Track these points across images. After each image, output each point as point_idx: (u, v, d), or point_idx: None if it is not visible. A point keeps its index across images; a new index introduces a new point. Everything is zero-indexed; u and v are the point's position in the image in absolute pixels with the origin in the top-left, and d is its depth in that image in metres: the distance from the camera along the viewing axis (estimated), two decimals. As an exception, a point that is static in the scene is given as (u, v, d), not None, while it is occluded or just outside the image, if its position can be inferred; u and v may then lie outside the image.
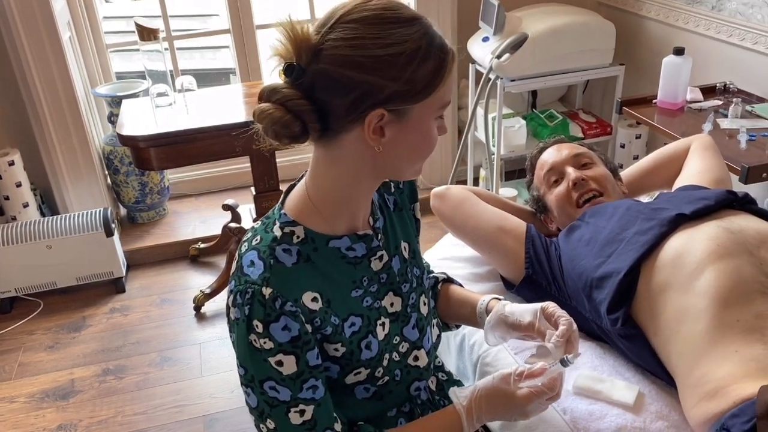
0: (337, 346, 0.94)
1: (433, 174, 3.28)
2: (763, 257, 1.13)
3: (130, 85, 2.95)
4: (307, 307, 0.90)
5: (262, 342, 0.87)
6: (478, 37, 2.80)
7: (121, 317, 2.64)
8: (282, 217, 0.94)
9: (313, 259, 0.93)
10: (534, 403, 0.96)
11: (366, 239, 0.98)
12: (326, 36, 0.83)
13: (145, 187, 3.03)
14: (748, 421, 0.94)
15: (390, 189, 1.10)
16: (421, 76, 0.83)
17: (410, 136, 0.88)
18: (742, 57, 2.37)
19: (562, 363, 0.97)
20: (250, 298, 0.86)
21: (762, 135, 2.04)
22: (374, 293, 1.00)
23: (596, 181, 1.50)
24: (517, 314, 1.06)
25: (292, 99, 0.84)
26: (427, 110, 0.87)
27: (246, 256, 0.91)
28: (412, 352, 1.05)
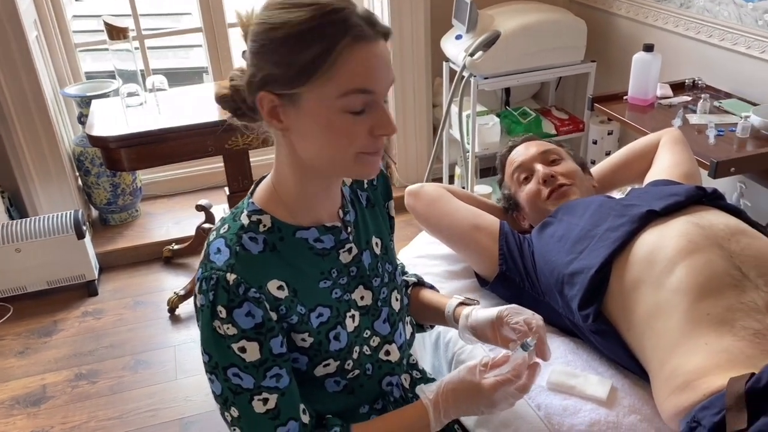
0: (305, 336, 0.94)
1: (408, 172, 3.28)
2: (733, 250, 1.15)
3: (100, 85, 2.90)
4: (272, 295, 0.90)
5: (226, 328, 0.87)
6: (452, 35, 2.81)
7: (94, 321, 2.60)
8: (250, 206, 0.95)
9: (279, 249, 0.94)
10: (500, 392, 0.95)
11: (334, 231, 0.99)
12: (250, 22, 0.89)
13: (117, 189, 2.98)
14: (717, 413, 0.95)
15: (363, 185, 1.10)
16: (302, 60, 0.81)
17: (310, 126, 0.86)
18: (710, 53, 2.41)
19: (522, 347, 0.98)
20: (215, 284, 0.87)
21: (730, 130, 2.07)
22: (344, 285, 1.00)
23: (565, 177, 1.51)
24: (479, 329, 1.10)
25: (233, 78, 0.92)
26: (320, 98, 0.83)
27: (213, 243, 0.92)
28: (383, 346, 1.06)
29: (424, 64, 3.06)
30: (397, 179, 3.31)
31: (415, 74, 3.07)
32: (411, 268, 1.64)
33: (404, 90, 3.10)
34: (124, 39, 2.48)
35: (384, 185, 1.14)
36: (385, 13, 2.94)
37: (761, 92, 2.23)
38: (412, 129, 3.21)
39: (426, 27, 2.98)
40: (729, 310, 1.06)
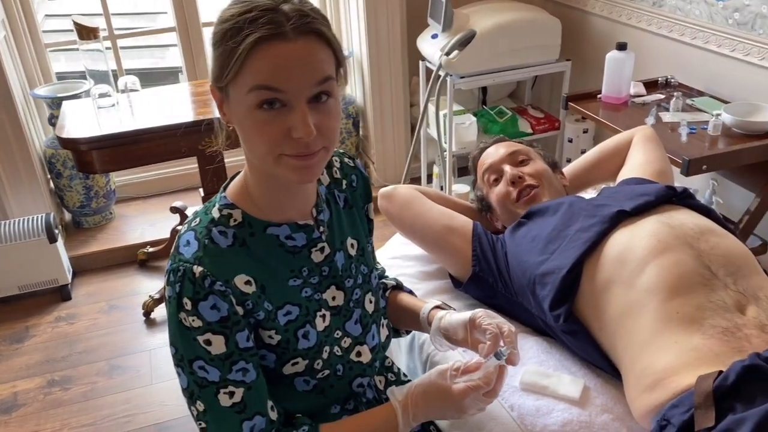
0: (272, 333, 0.95)
1: (387, 170, 3.28)
2: (702, 250, 1.15)
3: (72, 85, 2.85)
4: (239, 289, 0.91)
5: (191, 320, 0.88)
6: (427, 34, 2.80)
7: (67, 326, 2.56)
8: (222, 200, 0.96)
9: (249, 244, 0.94)
10: (470, 398, 0.95)
11: (306, 229, 0.99)
12: None
13: (90, 191, 2.94)
14: (686, 411, 0.96)
15: (341, 186, 1.09)
16: (222, 56, 0.85)
17: (235, 119, 0.89)
18: (682, 52, 2.43)
19: (496, 356, 0.98)
20: (182, 276, 0.88)
21: (702, 128, 2.09)
22: (315, 285, 1.00)
23: (533, 177, 1.51)
24: (451, 330, 1.09)
25: None
26: (237, 94, 0.85)
27: (183, 236, 0.93)
28: (354, 347, 1.05)
29: (401, 64, 3.05)
30: (375, 179, 3.30)
31: (391, 73, 3.06)
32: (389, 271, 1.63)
33: (381, 89, 3.09)
34: (94, 39, 2.44)
35: (363, 187, 1.13)
36: (361, 12, 2.92)
37: (732, 90, 2.26)
38: (390, 128, 3.20)
39: (402, 26, 2.97)
40: (698, 309, 1.07)
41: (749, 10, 2.13)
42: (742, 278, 1.12)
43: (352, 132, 3.29)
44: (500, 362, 0.97)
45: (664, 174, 1.53)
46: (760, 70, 2.14)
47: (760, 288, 1.11)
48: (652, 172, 1.50)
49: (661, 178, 1.49)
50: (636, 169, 1.53)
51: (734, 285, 1.11)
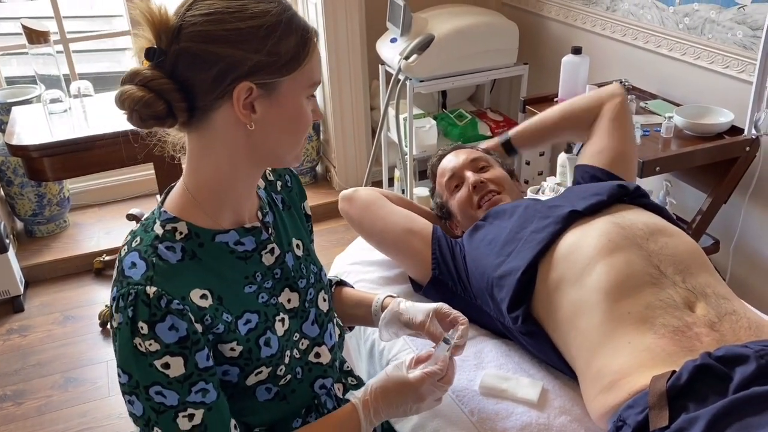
0: (233, 345, 0.92)
1: (348, 174, 3.27)
2: (651, 249, 1.17)
3: (21, 90, 2.78)
4: (195, 305, 0.87)
5: (148, 344, 0.84)
6: (387, 38, 2.81)
7: (20, 338, 2.48)
8: (162, 215, 0.92)
9: (200, 256, 0.91)
10: (426, 385, 0.98)
11: (255, 232, 0.97)
12: (185, 15, 0.84)
13: (43, 199, 2.86)
14: (641, 412, 0.97)
15: (277, 188, 1.09)
16: (285, 50, 0.85)
17: (282, 114, 0.88)
18: (635, 55, 2.48)
19: (444, 341, 1.02)
20: (134, 300, 0.84)
21: (655, 130, 2.13)
22: (269, 289, 0.99)
23: (494, 183, 1.53)
24: (411, 312, 1.11)
25: (154, 79, 0.84)
26: (296, 86, 0.88)
27: (126, 258, 0.88)
28: (313, 348, 1.05)
29: (361, 67, 3.05)
30: (337, 182, 3.29)
31: (351, 77, 3.05)
32: (345, 275, 1.63)
33: (341, 93, 3.08)
34: (44, 43, 2.38)
35: (297, 185, 1.15)
36: (320, 15, 2.91)
37: (683, 93, 2.31)
38: (351, 132, 3.19)
39: (361, 30, 2.97)
40: (648, 308, 1.09)
41: (698, 15, 2.18)
42: (691, 276, 1.14)
43: (313, 136, 3.27)
44: (450, 345, 1.03)
45: (625, 157, 1.50)
46: (709, 74, 2.20)
47: (708, 285, 1.14)
48: (613, 158, 1.48)
49: (623, 162, 1.48)
50: (595, 156, 1.50)
51: (683, 283, 1.13)
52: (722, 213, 2.14)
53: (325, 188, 3.37)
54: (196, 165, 0.92)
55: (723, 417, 0.90)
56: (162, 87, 0.84)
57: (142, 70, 0.85)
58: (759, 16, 1.97)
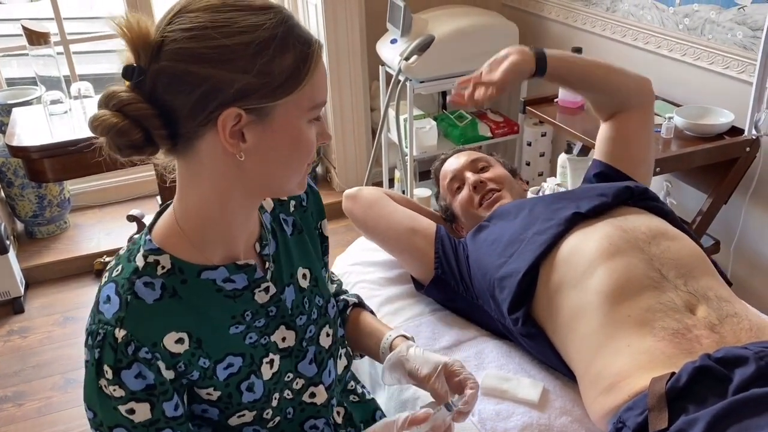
0: (209, 391, 0.85)
1: (348, 176, 3.26)
2: (653, 253, 1.17)
3: (22, 92, 2.78)
4: (168, 351, 0.80)
5: (112, 389, 0.78)
6: (387, 39, 2.81)
7: (20, 340, 2.48)
8: (147, 243, 0.83)
9: (181, 294, 0.82)
10: None
11: (248, 270, 0.88)
12: (165, 31, 0.74)
13: (44, 200, 2.86)
14: (640, 414, 0.97)
15: (289, 209, 0.99)
16: (280, 69, 0.74)
17: (278, 142, 0.78)
18: (635, 56, 2.48)
19: (446, 407, 0.92)
20: (101, 341, 0.77)
21: (655, 131, 2.12)
22: (261, 328, 0.90)
23: (494, 182, 1.54)
24: (418, 362, 0.97)
25: (130, 103, 0.74)
26: (294, 110, 0.77)
27: (104, 289, 0.81)
28: (308, 388, 0.97)
29: (361, 68, 3.05)
30: (337, 183, 3.29)
31: (351, 78, 3.05)
32: (346, 275, 1.63)
33: (341, 94, 3.08)
34: (45, 44, 2.38)
35: (315, 204, 1.04)
36: (320, 17, 2.91)
37: (684, 94, 2.31)
38: (351, 133, 3.19)
39: (361, 31, 2.97)
40: (648, 311, 1.09)
41: (698, 16, 2.18)
42: (693, 279, 1.14)
43: (313, 137, 3.27)
44: (452, 413, 0.91)
45: (650, 162, 1.52)
46: (709, 74, 2.20)
47: (710, 288, 1.14)
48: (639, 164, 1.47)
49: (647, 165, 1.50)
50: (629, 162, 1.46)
51: (684, 286, 1.13)
52: (722, 213, 2.14)
53: (326, 189, 3.37)
54: (183, 193, 0.83)
55: (722, 418, 0.90)
56: (139, 112, 0.74)
57: (118, 92, 0.75)
58: (759, 17, 1.97)
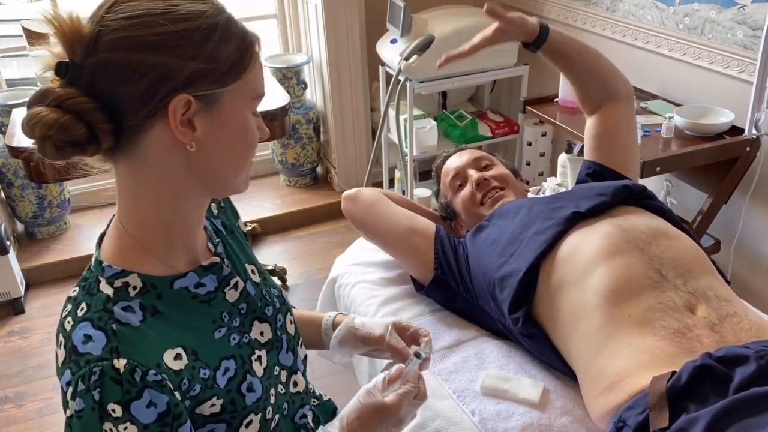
0: (213, 401, 0.80)
1: (348, 175, 3.27)
2: (653, 253, 1.17)
3: (22, 93, 2.78)
4: (172, 370, 0.75)
5: (122, 428, 0.70)
6: (387, 39, 2.81)
7: (20, 340, 2.48)
8: (106, 270, 0.77)
9: (162, 310, 0.78)
10: (404, 407, 0.90)
11: (215, 269, 0.86)
12: (103, 21, 0.71)
13: (44, 201, 2.86)
14: (641, 413, 0.97)
15: (213, 212, 0.98)
16: (225, 56, 0.74)
17: (225, 131, 0.77)
18: (635, 56, 2.48)
19: (416, 356, 0.96)
20: (98, 380, 0.69)
21: (655, 130, 2.13)
22: (239, 328, 0.88)
23: (497, 180, 1.54)
24: (368, 326, 1.03)
25: (70, 97, 0.70)
26: (239, 99, 0.77)
27: (76, 333, 0.73)
28: (290, 378, 0.96)
29: (361, 68, 3.05)
30: (337, 183, 3.29)
31: (351, 78, 3.05)
32: (346, 276, 1.63)
33: (341, 94, 3.08)
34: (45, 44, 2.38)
35: (229, 203, 1.03)
36: (320, 17, 2.91)
37: (684, 93, 2.31)
38: (351, 133, 3.19)
39: (361, 31, 2.97)
40: (649, 311, 1.09)
41: (698, 15, 2.18)
42: (693, 279, 1.14)
43: (313, 137, 3.27)
44: (422, 359, 0.96)
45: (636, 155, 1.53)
46: (709, 74, 2.19)
47: (710, 288, 1.14)
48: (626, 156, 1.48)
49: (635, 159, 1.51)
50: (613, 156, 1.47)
51: (684, 286, 1.12)
52: (723, 213, 2.14)
53: (326, 189, 3.37)
54: (131, 201, 0.79)
55: (723, 417, 0.90)
56: (80, 107, 0.70)
57: (53, 89, 0.71)
58: (759, 16, 1.97)
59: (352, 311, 1.55)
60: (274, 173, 3.47)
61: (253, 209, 3.14)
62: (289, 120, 2.44)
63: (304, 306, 2.53)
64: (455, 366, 1.29)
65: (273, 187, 3.40)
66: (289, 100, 2.42)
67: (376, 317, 1.07)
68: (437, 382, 1.26)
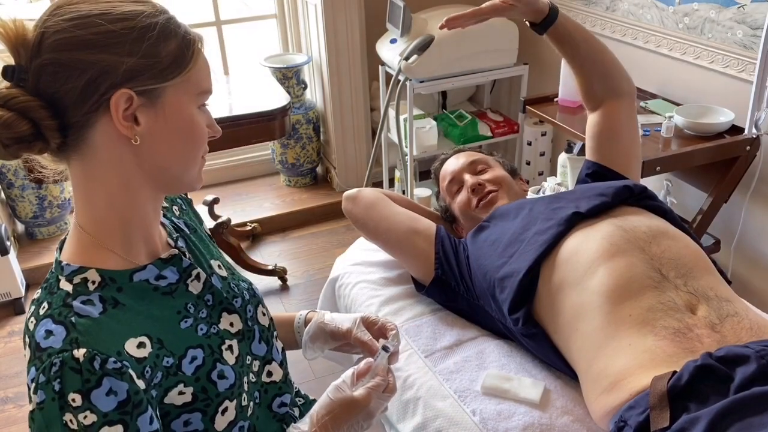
0: (181, 389, 0.82)
1: (348, 175, 3.27)
2: (653, 253, 1.17)
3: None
4: (134, 357, 0.76)
5: (82, 417, 0.71)
6: (386, 39, 2.81)
7: (21, 341, 2.48)
8: (65, 269, 0.80)
9: (122, 301, 0.80)
10: (374, 400, 0.91)
11: (174, 261, 0.88)
12: (45, 25, 0.75)
13: (44, 201, 2.86)
14: (642, 412, 0.97)
15: (175, 213, 1.00)
16: (165, 52, 0.78)
17: (170, 125, 0.80)
18: (635, 55, 2.48)
19: (384, 350, 0.97)
20: (59, 370, 0.71)
21: (655, 130, 2.13)
22: (206, 319, 0.89)
23: (492, 183, 1.55)
24: (337, 321, 1.07)
25: (13, 97, 0.73)
26: (183, 94, 0.80)
27: (38, 330, 0.75)
28: (264, 367, 0.99)
29: (360, 68, 3.05)
30: (337, 183, 3.29)
31: (351, 78, 3.06)
32: (346, 276, 1.63)
33: (341, 94, 3.08)
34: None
35: (191, 208, 1.06)
36: (320, 17, 2.91)
37: (684, 92, 2.31)
38: (351, 133, 3.19)
39: (361, 31, 2.97)
40: (650, 311, 1.09)
41: (698, 15, 2.18)
42: (693, 279, 1.14)
43: (313, 137, 3.27)
44: (390, 352, 0.97)
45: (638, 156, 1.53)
46: (709, 73, 2.20)
47: (710, 288, 1.14)
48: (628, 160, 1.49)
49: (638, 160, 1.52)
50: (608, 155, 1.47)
51: (685, 286, 1.13)
52: (723, 212, 2.14)
53: (326, 189, 3.37)
54: (86, 199, 0.81)
55: (724, 417, 0.90)
56: (24, 104, 0.73)
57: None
58: (759, 16, 1.97)
59: (352, 311, 1.55)
60: (274, 173, 3.47)
61: (252, 209, 3.14)
62: (289, 120, 2.44)
63: (305, 306, 2.53)
64: (456, 366, 1.29)
65: (273, 187, 3.40)
66: (289, 100, 2.42)
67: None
68: (438, 381, 1.26)
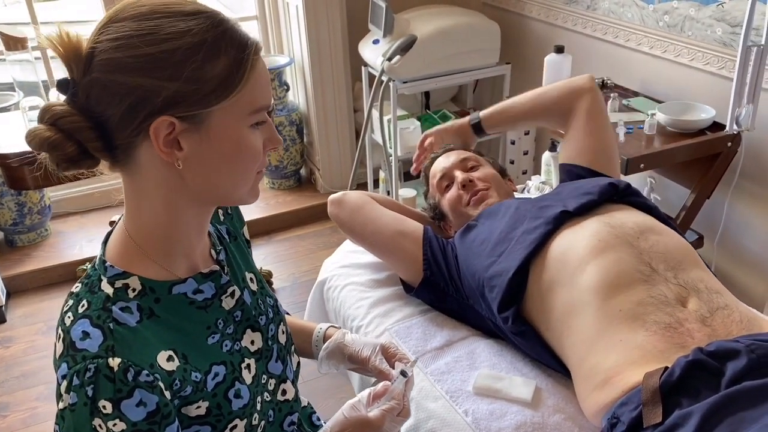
0: (199, 404, 0.82)
1: (332, 177, 3.26)
2: (642, 248, 1.18)
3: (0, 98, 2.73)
4: (164, 370, 0.77)
5: (111, 425, 0.72)
6: (369, 40, 2.80)
7: (2, 350, 2.44)
8: (108, 270, 0.80)
9: (158, 313, 0.81)
10: (387, 422, 0.91)
11: (213, 277, 0.89)
12: (95, 41, 0.74)
13: (23, 207, 2.81)
14: (635, 408, 0.97)
15: (219, 218, 1.00)
16: (211, 75, 0.73)
17: (216, 149, 0.77)
18: (617, 54, 2.50)
19: (402, 374, 0.97)
20: (93, 376, 0.72)
21: (638, 127, 2.15)
22: (232, 335, 0.90)
23: (483, 180, 1.55)
24: (357, 345, 1.05)
25: (63, 116, 0.74)
26: (231, 117, 0.76)
27: (75, 328, 0.75)
28: (279, 387, 0.98)
29: (343, 69, 3.04)
30: (321, 185, 3.28)
31: (334, 79, 3.04)
32: (335, 278, 1.62)
33: (324, 96, 3.07)
34: (22, 49, 2.35)
35: (236, 210, 1.04)
36: (301, 18, 2.90)
37: (665, 90, 2.33)
38: (334, 134, 3.18)
39: (343, 32, 2.96)
40: (640, 305, 1.09)
41: (678, 13, 2.20)
42: (683, 272, 1.15)
43: (296, 139, 3.26)
44: (408, 377, 0.96)
45: (607, 153, 1.51)
46: (690, 71, 2.22)
47: (700, 280, 1.15)
48: (596, 156, 1.49)
49: (606, 159, 1.49)
50: (578, 155, 1.50)
51: (675, 279, 1.13)
52: (706, 208, 2.16)
53: (310, 191, 3.35)
54: (133, 208, 0.82)
55: (716, 412, 0.90)
56: (72, 125, 0.74)
57: (53, 106, 0.74)
58: (738, 13, 2.00)
59: (341, 314, 1.54)
60: (257, 176, 3.45)
61: (237, 212, 3.11)
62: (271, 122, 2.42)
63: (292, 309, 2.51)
64: (447, 366, 1.29)
65: (257, 190, 3.37)
66: (272, 102, 2.41)
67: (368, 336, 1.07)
68: (429, 382, 1.26)
